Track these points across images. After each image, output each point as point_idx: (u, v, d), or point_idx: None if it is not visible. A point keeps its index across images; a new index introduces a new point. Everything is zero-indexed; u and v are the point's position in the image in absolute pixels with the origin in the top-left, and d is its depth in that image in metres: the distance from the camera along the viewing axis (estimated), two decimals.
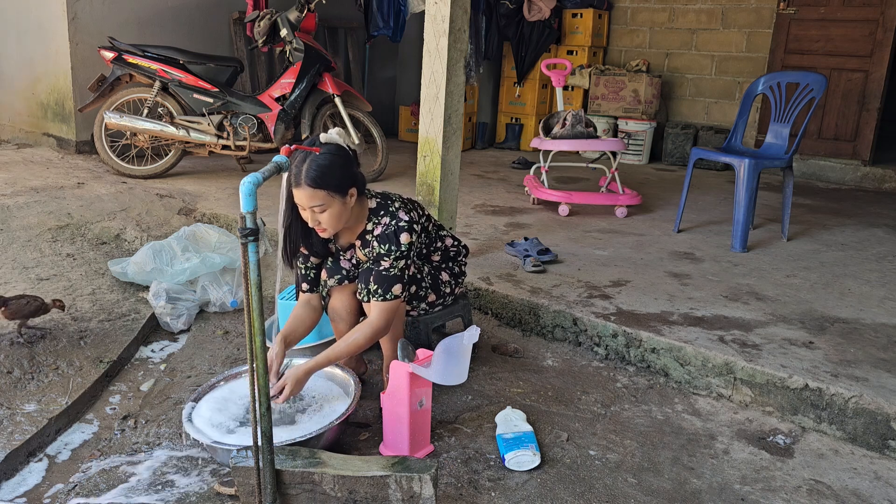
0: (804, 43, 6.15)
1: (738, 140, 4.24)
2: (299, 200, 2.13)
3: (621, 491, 2.00)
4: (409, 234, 2.22)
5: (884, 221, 4.70)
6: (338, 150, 2.15)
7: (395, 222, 2.22)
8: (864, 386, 2.33)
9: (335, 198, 2.12)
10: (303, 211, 2.16)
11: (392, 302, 2.20)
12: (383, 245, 2.21)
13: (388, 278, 2.20)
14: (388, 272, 2.20)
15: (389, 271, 2.20)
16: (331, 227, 2.17)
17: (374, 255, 2.23)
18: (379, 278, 2.20)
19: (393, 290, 2.19)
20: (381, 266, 2.21)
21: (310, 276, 2.39)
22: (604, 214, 4.54)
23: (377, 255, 2.22)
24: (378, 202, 2.29)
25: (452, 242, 2.56)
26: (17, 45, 5.69)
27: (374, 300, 2.20)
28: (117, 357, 2.65)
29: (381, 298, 2.19)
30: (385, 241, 2.21)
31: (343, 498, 1.71)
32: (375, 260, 2.23)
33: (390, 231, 2.21)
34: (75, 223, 3.84)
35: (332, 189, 2.11)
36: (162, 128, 4.76)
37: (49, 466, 2.08)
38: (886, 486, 2.07)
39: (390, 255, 2.20)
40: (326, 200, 2.11)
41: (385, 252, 2.20)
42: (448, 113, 3.31)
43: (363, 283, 2.27)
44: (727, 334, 2.72)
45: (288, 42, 4.77)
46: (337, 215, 2.16)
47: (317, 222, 2.16)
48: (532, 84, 7.02)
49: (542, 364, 2.76)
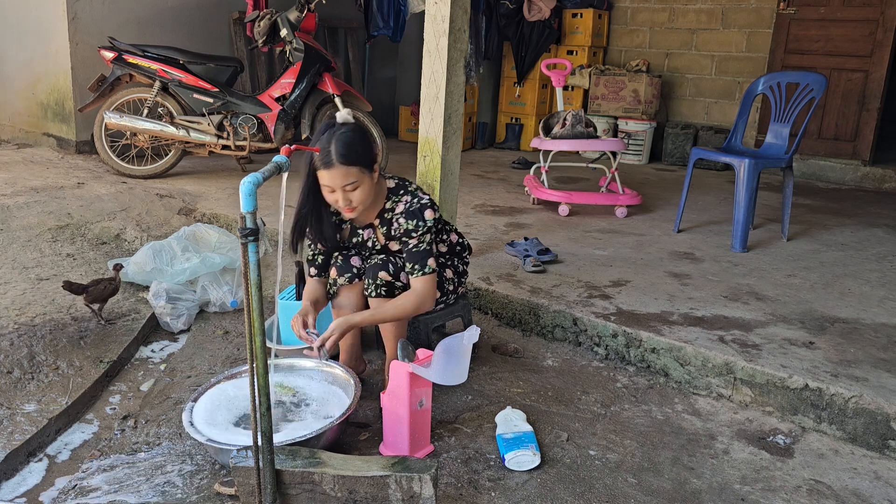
0: (804, 43, 6.15)
1: (738, 140, 4.24)
2: (330, 181, 2.16)
3: (621, 491, 2.00)
4: (432, 210, 2.29)
5: (884, 221, 4.70)
6: (357, 126, 2.22)
7: (418, 200, 2.30)
8: (864, 386, 2.33)
9: (365, 174, 2.18)
10: (330, 193, 2.19)
11: (431, 275, 2.27)
12: (410, 221, 2.27)
13: (421, 254, 2.26)
14: (418, 248, 2.27)
15: (419, 247, 2.27)
16: (361, 203, 2.21)
17: (402, 232, 2.28)
18: (412, 256, 2.27)
19: (429, 264, 2.26)
20: (410, 245, 2.27)
21: (317, 261, 2.44)
22: (604, 214, 4.54)
23: (405, 232, 2.27)
24: (396, 182, 2.36)
25: (458, 238, 2.59)
26: (17, 45, 5.69)
27: (413, 277, 2.27)
28: (117, 357, 2.65)
29: (420, 273, 2.26)
30: (412, 217, 2.27)
31: (343, 498, 1.71)
32: (404, 236, 2.28)
33: (415, 208, 2.28)
34: (75, 223, 3.84)
35: (362, 165, 2.16)
36: (162, 128, 4.76)
37: (49, 466, 2.08)
38: (886, 486, 2.07)
39: (418, 230, 2.26)
40: (359, 177, 2.16)
41: (413, 227, 2.26)
42: (448, 113, 3.30)
43: (371, 277, 2.29)
44: (727, 334, 2.72)
45: (288, 42, 4.77)
46: (368, 191, 2.21)
47: (348, 201, 2.19)
48: (532, 84, 7.02)
49: (542, 364, 2.76)
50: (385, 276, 2.29)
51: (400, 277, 2.32)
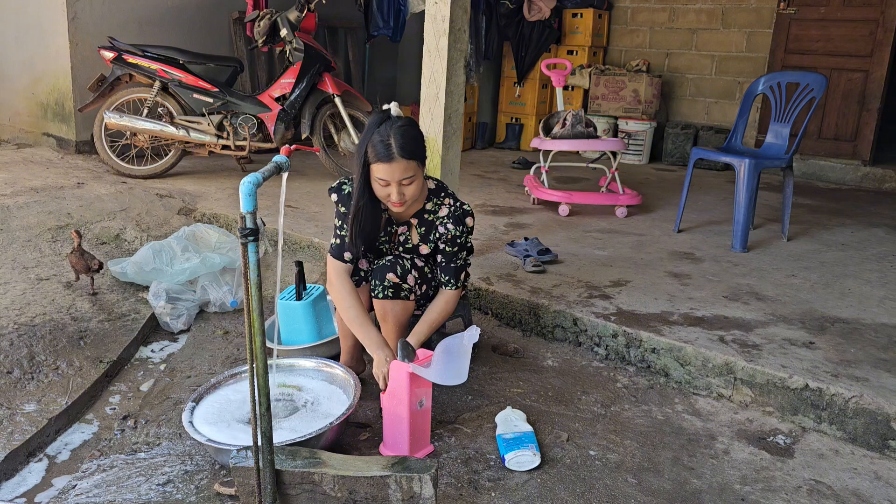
0: (804, 43, 6.15)
1: (739, 140, 4.24)
2: (388, 175, 2.13)
3: (621, 491, 2.00)
4: (472, 217, 2.35)
5: (884, 221, 4.70)
6: (412, 120, 2.23)
7: (460, 205, 2.35)
8: (864, 386, 2.33)
9: (421, 168, 2.21)
10: (383, 187, 2.17)
11: (459, 289, 2.39)
12: (457, 227, 2.32)
13: (457, 269, 2.36)
14: (456, 264, 2.35)
15: (457, 263, 2.35)
16: (412, 198, 2.22)
17: (448, 238, 2.33)
18: (448, 270, 2.35)
19: (461, 279, 2.38)
20: (449, 254, 2.34)
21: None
22: (604, 214, 4.54)
23: (452, 238, 2.32)
24: (436, 184, 2.38)
25: None
26: (17, 45, 5.69)
27: (446, 288, 2.37)
28: (117, 357, 2.65)
29: (452, 287, 2.36)
30: (458, 222, 2.32)
31: (343, 498, 1.71)
32: (448, 243, 2.33)
33: (459, 213, 2.33)
34: (75, 223, 3.84)
35: (420, 159, 2.19)
36: (162, 128, 4.76)
37: (49, 466, 2.08)
38: (887, 487, 2.06)
39: (462, 237, 2.33)
40: (417, 171, 2.18)
41: (459, 234, 2.32)
42: (448, 113, 3.31)
43: (379, 279, 2.29)
44: (727, 334, 2.72)
45: (288, 42, 4.77)
46: (420, 186, 2.23)
47: (401, 195, 2.17)
48: (532, 84, 7.02)
49: (542, 364, 2.76)
50: (393, 277, 2.28)
51: (407, 279, 2.31)
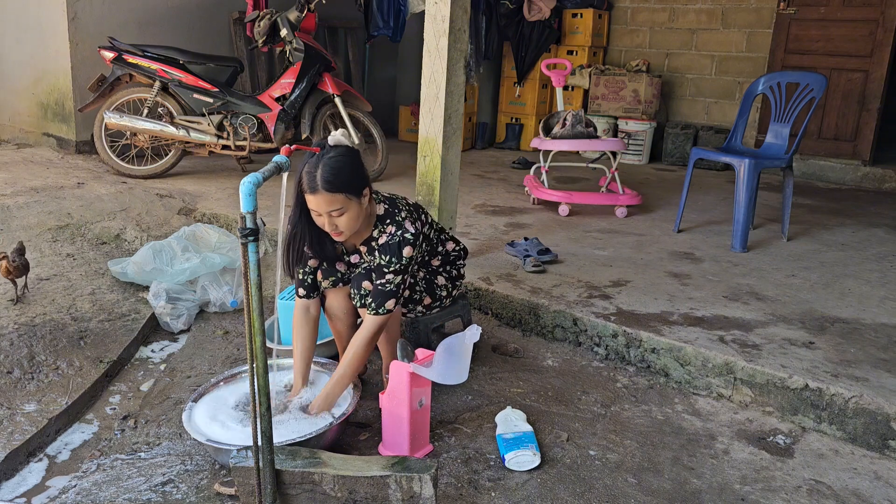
0: (804, 43, 6.15)
1: (738, 140, 4.24)
2: (316, 206, 2.10)
3: (621, 491, 2.00)
4: (411, 247, 2.22)
5: (884, 221, 4.70)
6: (348, 150, 2.14)
7: (401, 233, 2.22)
8: (864, 386, 2.33)
9: (352, 200, 2.11)
10: (318, 217, 2.13)
11: (384, 316, 2.21)
12: (384, 256, 2.21)
13: (384, 293, 2.20)
14: (385, 287, 2.20)
15: (386, 286, 2.20)
16: (348, 229, 2.15)
17: (375, 266, 2.22)
18: (375, 293, 2.20)
19: (386, 305, 2.20)
20: (379, 281, 2.20)
21: (307, 281, 2.33)
22: (604, 214, 4.54)
23: (378, 266, 2.21)
24: (385, 209, 2.28)
25: (454, 246, 2.55)
26: (17, 44, 5.69)
27: (367, 313, 2.21)
28: (117, 357, 2.66)
29: (373, 312, 2.20)
30: (387, 251, 2.20)
31: (343, 498, 1.71)
32: (376, 270, 2.22)
33: (394, 242, 2.21)
34: (75, 223, 3.84)
35: (349, 191, 2.09)
36: (162, 128, 4.76)
37: (49, 466, 2.08)
38: (886, 487, 2.06)
39: (390, 267, 2.20)
40: (345, 203, 2.10)
41: (385, 263, 2.20)
42: (448, 113, 3.31)
43: (356, 288, 2.26)
44: (727, 334, 2.72)
45: (288, 42, 4.77)
46: (355, 217, 2.14)
47: (334, 227, 2.14)
48: (532, 84, 7.01)
49: (542, 364, 2.76)
50: (368, 285, 2.24)
51: None
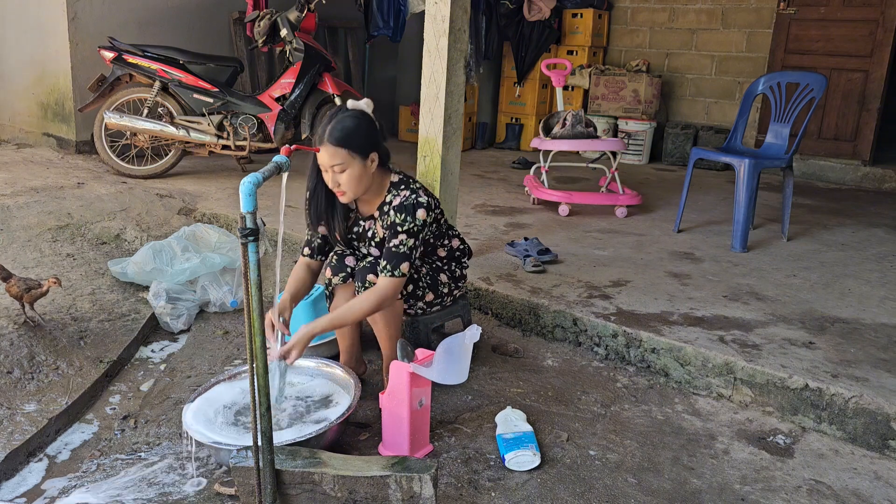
0: (804, 43, 6.15)
1: (738, 140, 4.24)
2: (321, 160, 2.18)
3: (621, 491, 2.00)
4: (426, 210, 2.25)
5: (884, 221, 4.70)
6: (362, 114, 2.21)
7: (416, 197, 2.25)
8: (864, 386, 2.33)
9: (355, 159, 2.16)
10: (325, 173, 2.20)
11: (399, 279, 2.21)
12: (399, 214, 2.23)
13: (398, 255, 2.21)
14: (398, 249, 2.21)
15: (399, 248, 2.21)
16: (349, 189, 2.20)
17: (389, 223, 2.24)
18: (389, 255, 2.22)
19: (401, 268, 2.21)
20: (391, 242, 2.22)
21: (314, 242, 2.42)
22: (604, 214, 4.54)
23: (391, 224, 2.23)
24: (400, 178, 2.34)
25: (459, 244, 2.58)
26: (17, 44, 5.69)
27: (382, 275, 2.22)
28: (117, 357, 2.66)
29: (388, 274, 2.21)
30: (402, 210, 2.23)
31: (343, 498, 1.71)
32: (389, 228, 2.24)
33: (409, 203, 2.24)
34: (75, 223, 3.84)
35: (353, 149, 2.15)
36: (162, 128, 4.76)
37: (49, 466, 2.08)
38: (886, 487, 2.07)
39: (404, 226, 2.22)
40: (346, 160, 2.15)
41: (400, 221, 2.22)
42: (448, 113, 3.30)
43: (360, 281, 2.28)
44: (727, 334, 2.72)
45: (288, 42, 4.77)
46: (356, 178, 2.19)
47: (336, 183, 2.19)
48: (532, 84, 7.01)
49: (542, 364, 2.76)
50: (373, 278, 2.27)
51: None
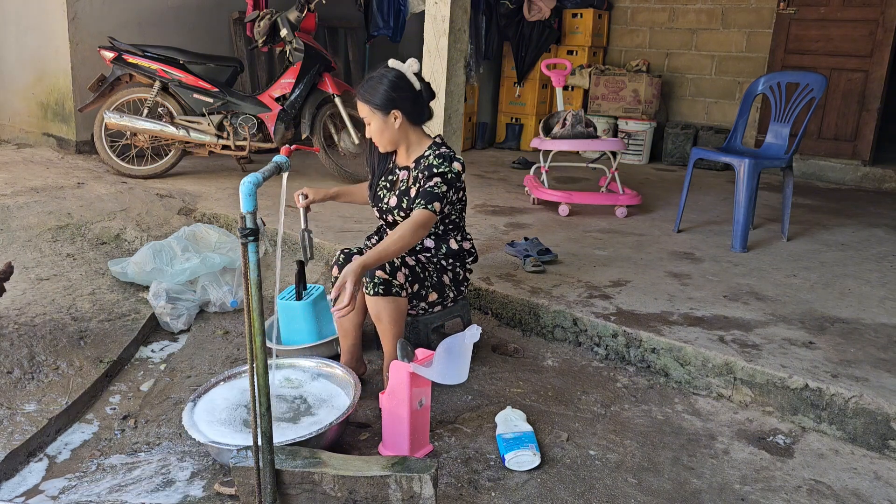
0: (804, 43, 6.15)
1: (738, 140, 4.24)
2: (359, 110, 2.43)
3: (621, 491, 2.00)
4: (461, 167, 2.44)
5: (884, 221, 4.70)
6: (395, 74, 2.40)
7: (453, 153, 2.48)
8: (864, 386, 2.33)
9: (376, 114, 2.38)
10: None
11: (431, 213, 2.33)
12: (437, 159, 2.42)
13: (432, 194, 2.35)
14: (433, 189, 2.36)
15: (433, 189, 2.36)
16: (376, 140, 2.44)
17: (426, 166, 2.41)
18: (424, 193, 2.36)
19: (434, 205, 2.33)
20: (427, 183, 2.37)
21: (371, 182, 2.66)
22: (604, 214, 4.54)
23: (428, 166, 2.41)
24: (441, 141, 2.53)
25: (470, 247, 2.63)
26: (17, 44, 5.69)
27: (417, 208, 2.34)
28: (117, 357, 2.66)
29: (422, 206, 2.33)
30: (440, 157, 2.42)
31: (343, 498, 1.71)
32: (426, 170, 2.40)
33: (448, 154, 2.45)
34: (75, 223, 3.84)
35: (374, 105, 2.37)
36: (162, 128, 4.76)
37: (49, 466, 2.08)
38: (886, 486, 2.07)
39: (440, 168, 2.39)
40: (369, 115, 2.39)
41: (437, 164, 2.40)
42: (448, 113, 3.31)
43: (368, 277, 2.30)
44: (727, 334, 2.72)
45: (288, 42, 4.77)
46: (378, 131, 2.42)
47: (370, 133, 2.44)
48: (532, 84, 7.02)
49: (542, 364, 2.76)
50: (382, 274, 2.29)
51: (396, 276, 2.32)
